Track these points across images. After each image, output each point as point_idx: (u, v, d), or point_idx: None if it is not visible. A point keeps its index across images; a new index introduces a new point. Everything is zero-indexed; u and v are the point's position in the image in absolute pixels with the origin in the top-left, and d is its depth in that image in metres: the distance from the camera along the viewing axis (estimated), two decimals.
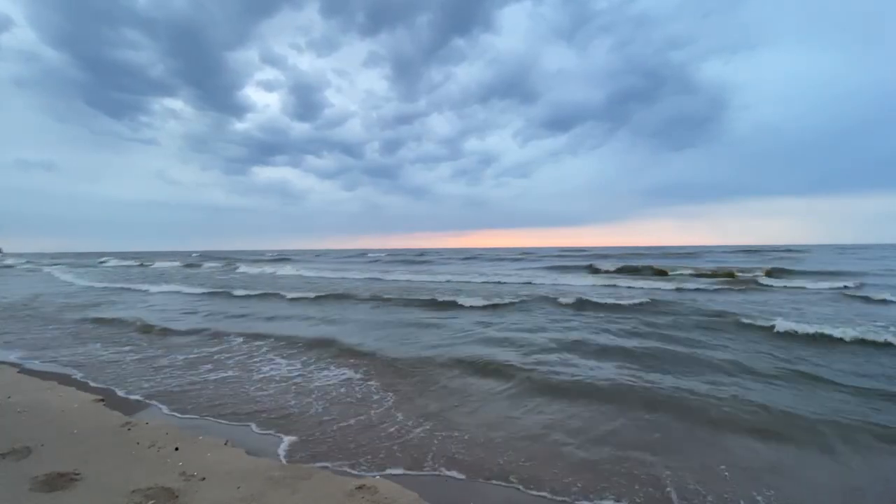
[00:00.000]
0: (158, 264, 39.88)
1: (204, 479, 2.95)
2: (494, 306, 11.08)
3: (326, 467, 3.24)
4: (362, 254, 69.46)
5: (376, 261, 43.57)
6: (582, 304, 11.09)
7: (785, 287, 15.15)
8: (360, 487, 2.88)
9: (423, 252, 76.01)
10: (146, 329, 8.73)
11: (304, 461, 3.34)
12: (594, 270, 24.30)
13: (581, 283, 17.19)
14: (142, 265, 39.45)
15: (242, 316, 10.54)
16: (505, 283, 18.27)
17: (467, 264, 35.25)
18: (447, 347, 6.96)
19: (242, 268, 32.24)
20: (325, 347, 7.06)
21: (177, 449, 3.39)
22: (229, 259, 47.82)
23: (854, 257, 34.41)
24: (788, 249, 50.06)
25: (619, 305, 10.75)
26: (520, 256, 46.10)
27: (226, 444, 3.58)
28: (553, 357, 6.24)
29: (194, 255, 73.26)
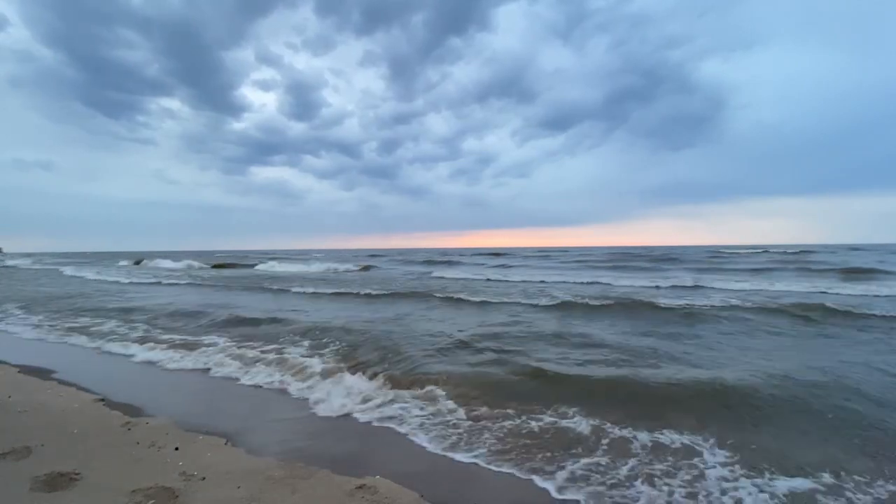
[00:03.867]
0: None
1: (204, 478, 2.95)
2: None
3: (326, 467, 3.24)
4: (329, 252, 65.74)
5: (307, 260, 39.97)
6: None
7: None
8: (360, 487, 2.87)
9: (374, 253, 72.50)
10: None
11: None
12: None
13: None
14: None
15: None
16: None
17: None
18: None
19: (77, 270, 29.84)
20: None
21: (177, 449, 3.39)
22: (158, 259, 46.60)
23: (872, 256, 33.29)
24: (803, 251, 46.32)
25: None
26: (478, 259, 41.35)
27: (226, 443, 3.58)
28: None
29: (154, 254, 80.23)
